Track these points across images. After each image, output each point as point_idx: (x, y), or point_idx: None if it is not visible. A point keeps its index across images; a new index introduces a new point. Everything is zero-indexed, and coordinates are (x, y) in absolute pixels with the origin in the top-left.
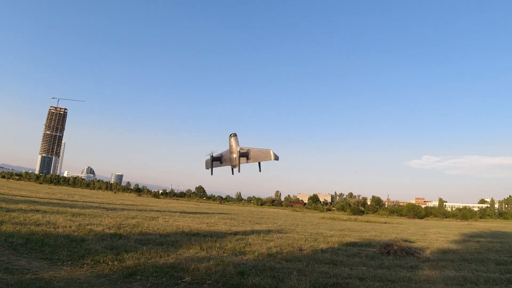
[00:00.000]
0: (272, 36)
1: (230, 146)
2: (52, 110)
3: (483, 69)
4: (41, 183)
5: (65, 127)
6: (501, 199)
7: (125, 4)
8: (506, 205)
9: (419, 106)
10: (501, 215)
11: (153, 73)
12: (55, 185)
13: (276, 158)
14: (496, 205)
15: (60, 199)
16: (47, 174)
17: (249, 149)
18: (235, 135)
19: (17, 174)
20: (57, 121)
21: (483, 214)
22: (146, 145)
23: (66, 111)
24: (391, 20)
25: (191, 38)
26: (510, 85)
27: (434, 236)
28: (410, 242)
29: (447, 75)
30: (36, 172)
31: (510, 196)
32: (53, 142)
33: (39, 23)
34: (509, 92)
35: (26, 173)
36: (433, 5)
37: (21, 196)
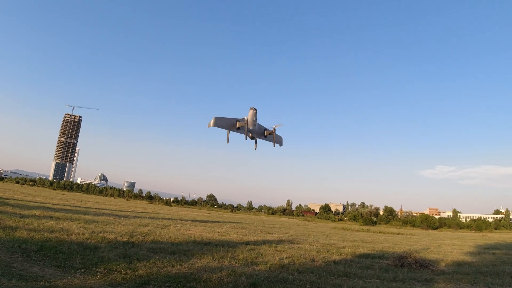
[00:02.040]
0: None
1: (251, 118)
2: (67, 118)
3: (496, 80)
4: (54, 189)
5: (79, 134)
6: None
7: (139, 15)
8: None
9: (432, 116)
10: None
11: (165, 82)
12: (68, 191)
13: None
14: (511, 216)
15: (74, 206)
16: (60, 181)
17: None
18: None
19: (31, 180)
20: (71, 129)
21: (498, 225)
22: (159, 153)
23: (80, 118)
24: (408, 35)
25: (204, 50)
26: None
27: (449, 248)
28: (425, 252)
29: (460, 85)
30: (50, 178)
31: None
32: (67, 149)
33: (55, 33)
34: None
35: (40, 179)
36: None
37: (35, 202)
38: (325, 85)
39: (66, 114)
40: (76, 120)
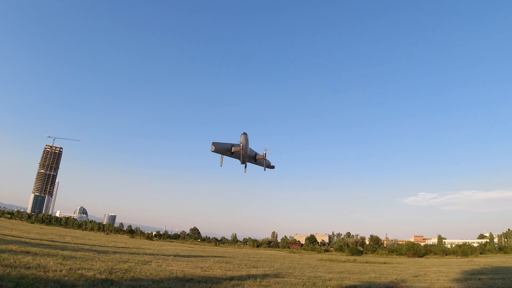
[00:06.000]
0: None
1: (244, 143)
2: (48, 149)
3: (473, 112)
4: (32, 223)
5: (60, 166)
6: (500, 233)
7: (123, 44)
8: (506, 239)
9: (412, 143)
10: (501, 249)
11: (146, 116)
12: (46, 225)
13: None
14: (496, 240)
15: (51, 240)
16: (39, 214)
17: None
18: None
19: (8, 213)
20: (52, 160)
21: (483, 249)
22: (140, 186)
23: (61, 150)
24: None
25: (185, 89)
26: (499, 119)
27: (435, 276)
28: (412, 280)
29: (438, 111)
30: (28, 211)
31: (509, 229)
32: (46, 181)
33: (37, 65)
34: (499, 125)
35: (18, 211)
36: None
37: (11, 236)
38: (309, 118)
39: (46, 145)
40: (56, 151)
